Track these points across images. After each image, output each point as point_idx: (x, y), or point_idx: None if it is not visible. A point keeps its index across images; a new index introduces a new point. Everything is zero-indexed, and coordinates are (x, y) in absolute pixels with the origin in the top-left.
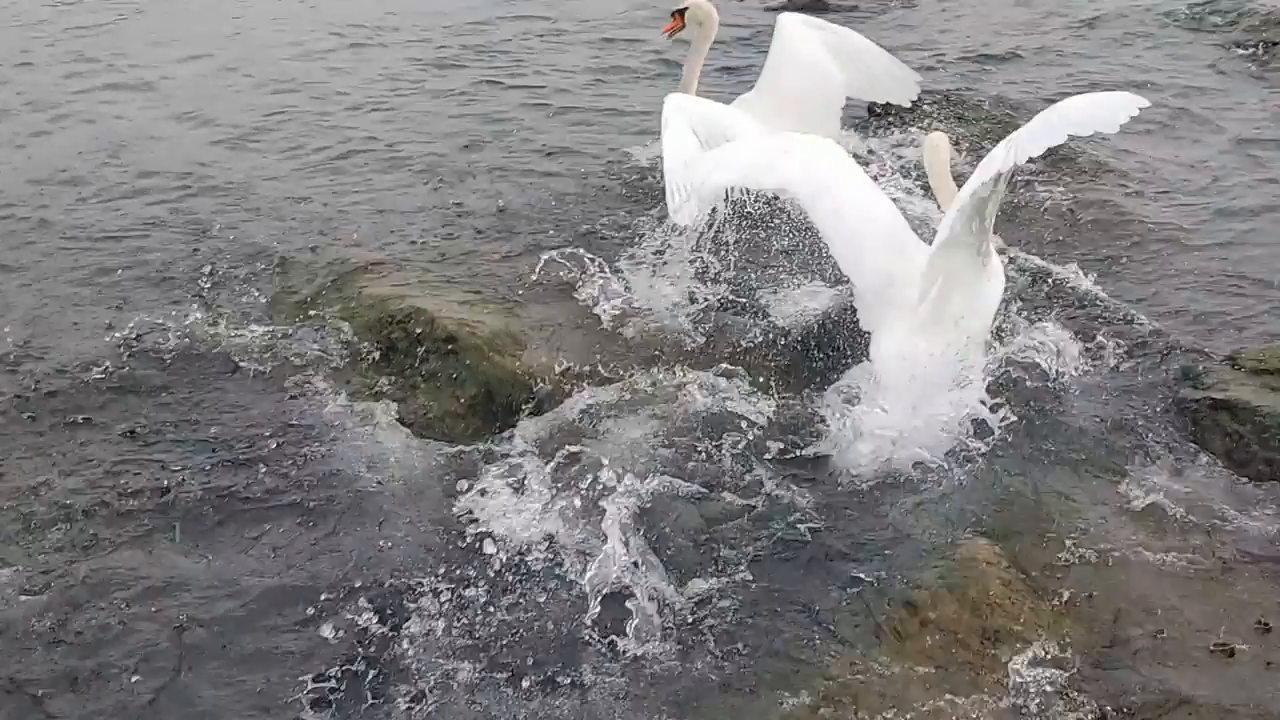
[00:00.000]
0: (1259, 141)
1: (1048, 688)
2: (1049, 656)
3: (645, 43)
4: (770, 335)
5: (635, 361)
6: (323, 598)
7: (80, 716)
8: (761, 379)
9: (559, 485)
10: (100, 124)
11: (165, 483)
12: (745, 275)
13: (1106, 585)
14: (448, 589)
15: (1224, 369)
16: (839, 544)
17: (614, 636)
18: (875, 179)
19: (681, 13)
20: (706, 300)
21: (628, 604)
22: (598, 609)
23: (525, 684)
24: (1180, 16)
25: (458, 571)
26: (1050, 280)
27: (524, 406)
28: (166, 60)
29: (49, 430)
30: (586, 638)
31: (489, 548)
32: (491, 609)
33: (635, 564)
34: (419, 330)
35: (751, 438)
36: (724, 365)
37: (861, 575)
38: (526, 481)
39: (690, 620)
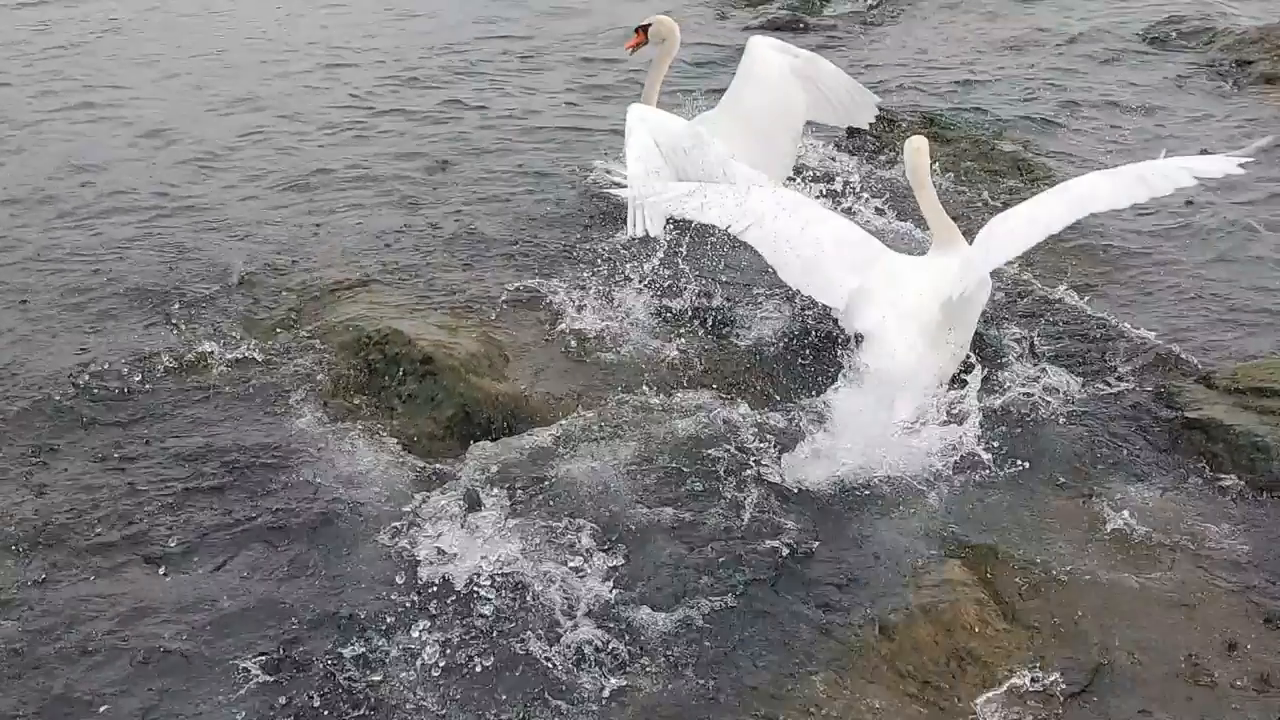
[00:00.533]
0: None
1: (1023, 712)
2: (1024, 679)
3: (623, 62)
4: (749, 353)
5: (612, 382)
6: (297, 622)
7: None
8: (740, 398)
9: (534, 508)
10: (76, 143)
11: (137, 507)
12: (723, 293)
13: (1081, 607)
14: (422, 613)
15: (1198, 388)
16: (815, 566)
17: (588, 661)
18: (844, 192)
19: (645, 29)
20: (683, 318)
21: (602, 628)
22: (571, 633)
23: (498, 710)
24: (1156, 37)
25: (433, 595)
26: (1026, 300)
27: (501, 428)
28: (143, 80)
29: (18, 452)
30: (560, 663)
31: (465, 571)
32: (466, 633)
33: (610, 587)
34: (396, 352)
35: (729, 458)
36: (702, 384)
37: (837, 598)
38: (502, 504)
39: (664, 643)
